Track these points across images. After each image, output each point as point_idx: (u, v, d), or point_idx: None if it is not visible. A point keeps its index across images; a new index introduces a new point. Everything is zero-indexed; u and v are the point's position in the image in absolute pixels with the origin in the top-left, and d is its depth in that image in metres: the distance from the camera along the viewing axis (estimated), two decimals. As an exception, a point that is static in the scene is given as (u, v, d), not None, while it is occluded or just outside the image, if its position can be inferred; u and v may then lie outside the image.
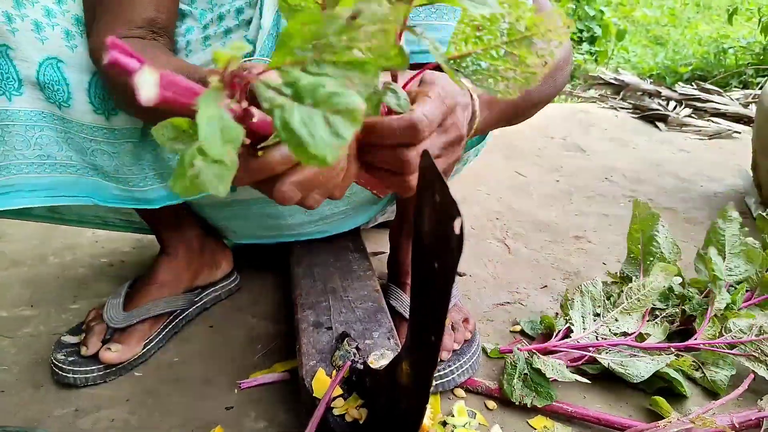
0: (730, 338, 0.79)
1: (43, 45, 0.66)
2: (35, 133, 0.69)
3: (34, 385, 0.81)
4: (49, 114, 0.69)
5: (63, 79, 0.67)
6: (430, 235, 0.40)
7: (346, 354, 0.69)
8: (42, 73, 0.66)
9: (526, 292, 1.06)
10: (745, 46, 3.43)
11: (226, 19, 0.75)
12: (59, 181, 0.73)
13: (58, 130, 0.71)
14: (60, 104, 0.69)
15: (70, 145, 0.72)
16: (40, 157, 0.70)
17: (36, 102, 0.68)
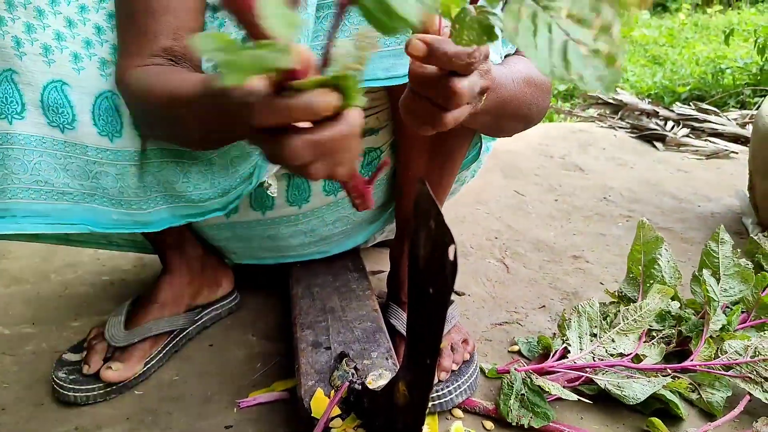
0: (726, 360, 0.80)
1: (50, 68, 0.67)
2: (34, 158, 0.69)
3: (34, 403, 0.82)
4: (49, 139, 0.69)
5: (67, 102, 0.68)
6: (425, 260, 0.42)
7: (345, 374, 0.70)
8: (46, 95, 0.67)
9: (524, 311, 1.07)
10: (742, 66, 3.47)
11: (225, 26, 0.76)
12: (55, 209, 0.73)
13: (57, 157, 0.70)
14: (63, 127, 0.69)
15: (69, 172, 0.71)
16: (37, 183, 0.70)
17: (38, 126, 0.68)
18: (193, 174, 0.77)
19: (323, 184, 0.90)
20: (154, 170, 0.76)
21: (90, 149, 0.71)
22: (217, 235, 0.97)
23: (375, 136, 0.87)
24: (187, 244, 0.96)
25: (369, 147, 0.88)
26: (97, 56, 0.71)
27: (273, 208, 0.91)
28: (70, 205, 0.73)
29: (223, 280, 1.03)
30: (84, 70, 0.70)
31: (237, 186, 0.78)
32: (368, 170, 0.90)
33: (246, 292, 1.10)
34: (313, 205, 0.92)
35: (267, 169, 0.78)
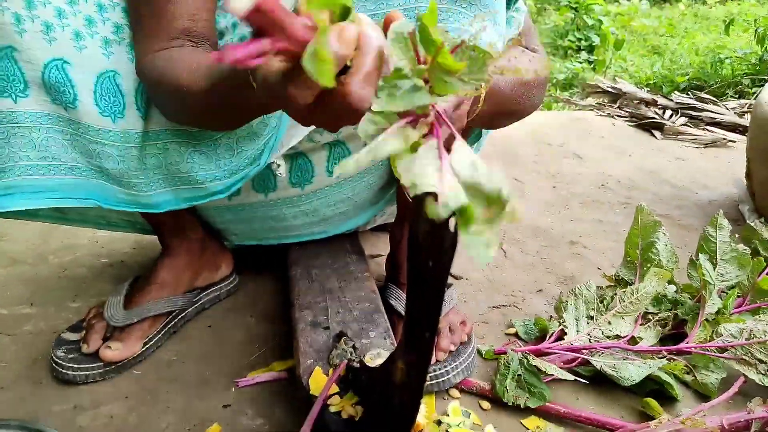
0: (721, 342, 0.80)
1: (51, 46, 0.66)
2: (40, 134, 0.69)
3: (33, 381, 0.82)
4: (55, 116, 0.69)
5: (68, 81, 0.68)
6: (425, 233, 0.42)
7: (343, 353, 0.70)
8: (47, 74, 0.67)
9: (522, 295, 1.07)
10: (741, 56, 3.46)
11: (238, 27, 0.76)
12: (63, 184, 0.73)
13: (64, 132, 0.71)
14: (66, 106, 0.69)
15: (76, 148, 0.72)
16: (44, 159, 0.70)
17: (42, 104, 0.68)
18: (197, 154, 0.77)
19: (327, 165, 0.90)
20: (157, 152, 0.75)
21: (91, 129, 0.71)
22: (218, 217, 0.97)
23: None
24: (187, 227, 0.96)
25: None
26: (100, 35, 0.71)
27: (275, 189, 0.91)
28: (80, 180, 0.74)
29: (223, 263, 1.03)
30: (86, 49, 0.69)
31: (244, 167, 0.78)
32: None
33: (245, 275, 1.10)
34: (316, 186, 0.92)
35: (276, 150, 0.77)
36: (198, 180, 0.78)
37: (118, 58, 0.72)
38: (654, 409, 0.74)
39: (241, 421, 0.75)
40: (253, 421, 0.75)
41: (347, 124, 0.43)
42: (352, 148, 0.88)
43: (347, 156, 0.89)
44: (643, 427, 0.67)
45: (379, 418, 0.58)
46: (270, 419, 0.75)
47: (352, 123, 0.42)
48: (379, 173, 0.94)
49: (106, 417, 0.76)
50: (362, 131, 0.37)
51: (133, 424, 0.74)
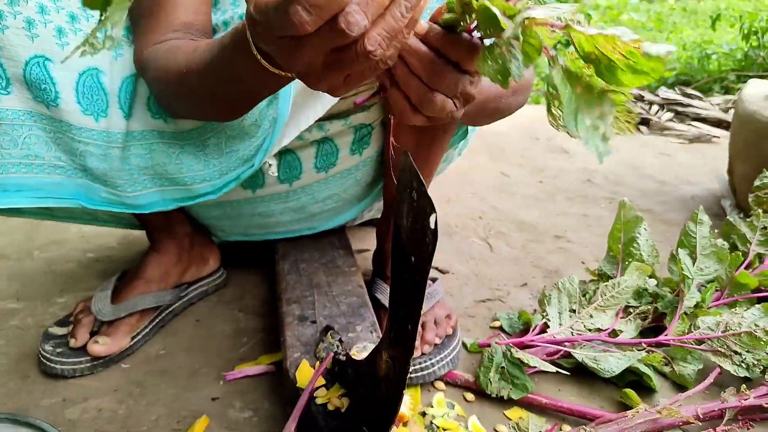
0: (699, 334, 0.82)
1: (33, 43, 0.66)
2: (23, 132, 0.68)
3: (21, 375, 0.82)
4: (37, 113, 0.69)
5: (49, 78, 0.67)
6: (407, 230, 0.43)
7: (330, 346, 0.71)
8: (29, 71, 0.66)
9: (507, 289, 1.09)
10: (727, 52, 3.50)
11: (230, 24, 0.77)
12: (47, 182, 0.72)
13: (47, 130, 0.70)
14: (48, 103, 0.68)
15: (59, 146, 0.71)
16: (27, 157, 0.70)
17: (24, 101, 0.67)
18: (185, 155, 0.77)
19: (315, 161, 0.90)
20: (143, 152, 0.75)
21: (74, 128, 0.70)
22: (206, 213, 0.98)
23: (366, 113, 0.88)
24: (175, 223, 0.96)
25: (361, 123, 0.88)
26: (82, 31, 0.70)
27: (264, 186, 0.91)
28: (63, 178, 0.73)
29: (210, 258, 1.03)
30: (68, 45, 0.69)
31: (236, 167, 0.78)
32: (360, 146, 0.90)
33: (232, 269, 1.11)
34: (304, 182, 0.92)
35: (270, 151, 0.77)
36: (186, 181, 0.78)
37: (101, 55, 0.71)
38: (632, 400, 0.76)
39: (229, 414, 0.76)
40: (241, 413, 0.76)
41: (356, 81, 0.41)
42: (339, 144, 0.89)
43: (335, 153, 0.90)
44: (621, 417, 0.69)
45: (365, 409, 0.60)
46: (258, 411, 0.76)
47: (362, 76, 0.41)
48: (367, 169, 0.95)
49: (95, 410, 0.76)
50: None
51: (122, 416, 0.75)
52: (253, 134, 0.76)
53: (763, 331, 0.78)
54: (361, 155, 0.92)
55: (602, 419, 0.70)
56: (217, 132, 0.77)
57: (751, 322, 0.80)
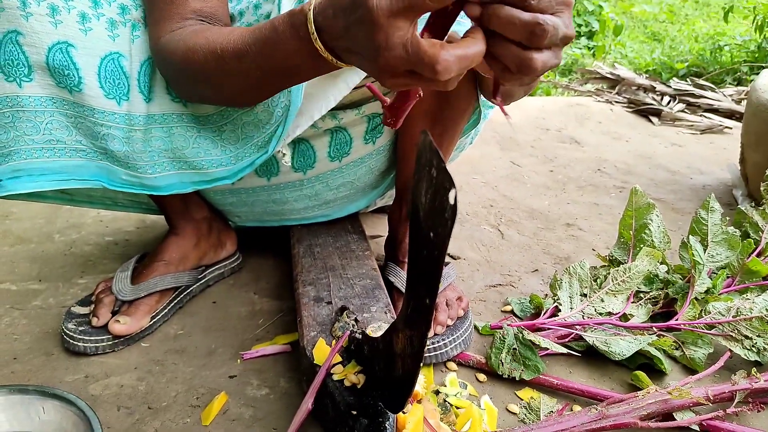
0: (709, 319, 0.83)
1: (56, 29, 0.67)
2: (45, 118, 0.70)
3: (45, 353, 0.85)
4: (59, 99, 0.70)
5: (72, 64, 0.68)
6: (426, 206, 0.44)
7: (346, 325, 0.73)
8: (51, 57, 0.67)
9: (518, 275, 1.10)
10: (740, 43, 3.47)
11: (245, 15, 0.78)
12: (69, 165, 0.74)
13: (68, 115, 0.71)
14: (71, 89, 0.70)
15: (80, 130, 0.73)
16: (50, 142, 0.71)
17: (47, 87, 0.69)
18: (202, 139, 0.78)
19: (328, 150, 0.92)
20: (163, 135, 0.77)
21: (97, 112, 0.72)
22: (222, 200, 1.00)
23: (376, 121, 0.89)
24: (192, 206, 0.98)
25: (373, 113, 0.90)
26: (105, 16, 0.72)
27: (278, 174, 0.93)
28: (84, 161, 0.75)
29: (228, 241, 1.05)
30: (91, 31, 0.70)
31: (250, 154, 0.80)
32: (373, 135, 0.92)
33: (248, 253, 1.13)
34: (318, 170, 0.94)
35: (283, 138, 0.78)
36: (203, 165, 0.80)
37: (122, 40, 0.73)
38: (643, 382, 0.77)
39: (246, 391, 0.78)
40: (259, 391, 0.78)
41: (416, 85, 0.47)
42: (353, 133, 0.90)
43: (349, 142, 0.91)
44: (632, 397, 0.71)
45: (381, 385, 0.61)
46: (274, 389, 0.78)
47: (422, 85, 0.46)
48: (380, 157, 0.97)
49: (117, 386, 0.78)
50: None
51: (143, 392, 0.77)
52: (267, 121, 0.77)
53: (774, 316, 0.79)
54: (375, 144, 0.93)
55: (612, 399, 0.71)
56: (233, 119, 0.79)
57: (762, 307, 0.81)
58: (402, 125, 0.90)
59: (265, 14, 0.76)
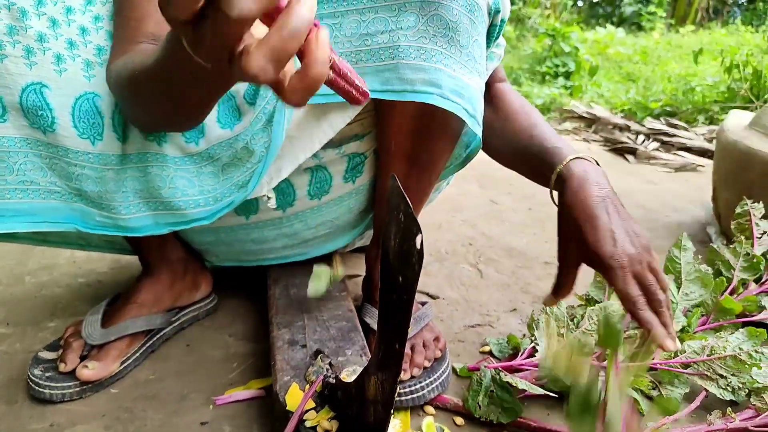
0: (685, 358, 0.83)
1: (31, 70, 0.67)
2: (19, 159, 0.69)
3: (8, 401, 0.82)
4: (33, 140, 0.70)
5: (46, 104, 0.68)
6: (395, 250, 0.44)
7: (320, 369, 0.72)
8: (25, 98, 0.67)
9: (496, 314, 1.10)
10: (711, 84, 3.60)
11: None
12: (42, 207, 0.73)
13: (42, 156, 0.71)
14: (45, 129, 0.69)
15: (54, 171, 0.72)
16: (23, 183, 0.71)
17: (20, 129, 0.68)
18: (179, 179, 0.78)
19: (308, 189, 0.92)
20: (138, 175, 0.76)
21: (71, 152, 0.71)
22: (199, 238, 0.99)
23: (359, 142, 0.90)
24: (168, 248, 0.97)
25: (354, 152, 0.90)
26: (81, 57, 0.72)
27: (257, 212, 0.93)
28: (58, 203, 0.74)
29: (203, 283, 1.04)
30: (66, 72, 0.70)
31: (231, 194, 0.79)
32: (353, 174, 0.92)
33: (223, 294, 1.11)
34: (298, 208, 0.93)
35: (264, 176, 0.77)
36: (180, 206, 0.79)
37: (98, 80, 0.73)
38: (621, 424, 0.77)
39: (217, 439, 0.75)
40: (230, 438, 0.75)
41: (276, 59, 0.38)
42: (333, 172, 0.91)
43: (329, 180, 0.92)
44: (609, 440, 0.70)
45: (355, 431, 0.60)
46: (247, 436, 0.76)
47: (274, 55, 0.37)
48: (359, 197, 0.97)
49: (82, 435, 0.76)
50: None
51: (110, 442, 0.75)
52: (247, 159, 0.77)
53: (747, 355, 0.79)
54: (354, 183, 0.93)
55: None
56: (213, 159, 0.79)
57: (735, 345, 0.81)
58: (381, 164, 0.92)
59: None
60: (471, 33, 0.69)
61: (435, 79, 0.68)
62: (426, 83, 0.68)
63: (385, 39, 0.68)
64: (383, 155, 0.88)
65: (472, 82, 0.72)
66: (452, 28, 0.67)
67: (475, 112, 0.73)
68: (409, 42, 0.67)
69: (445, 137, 0.83)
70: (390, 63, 0.68)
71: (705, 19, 7.77)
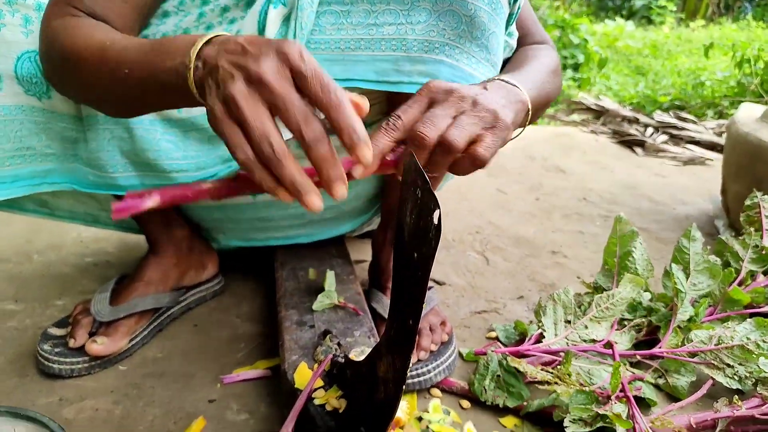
0: (692, 347, 0.83)
1: (27, 39, 0.67)
2: (15, 127, 0.71)
3: (19, 374, 0.83)
4: (29, 107, 0.71)
5: (40, 73, 0.68)
6: (411, 227, 0.44)
7: (328, 349, 0.72)
8: (19, 66, 0.68)
9: (503, 301, 1.10)
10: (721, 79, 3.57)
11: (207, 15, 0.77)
12: (39, 170, 0.75)
13: (38, 122, 0.72)
14: (40, 96, 0.70)
15: (50, 135, 0.74)
16: (20, 150, 0.72)
17: (16, 96, 0.69)
18: (165, 143, 0.78)
19: None
20: (125, 136, 0.76)
21: (66, 118, 0.73)
22: (208, 215, 0.99)
23: (368, 130, 0.89)
24: (174, 225, 0.97)
25: None
26: None
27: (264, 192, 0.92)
28: (54, 165, 0.76)
29: (209, 263, 1.04)
30: None
31: (214, 165, 0.79)
32: None
33: (231, 277, 1.11)
34: None
35: None
36: (165, 168, 0.79)
37: None
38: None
39: (226, 416, 0.76)
40: (238, 416, 0.76)
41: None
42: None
43: None
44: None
45: (363, 410, 0.60)
46: (254, 414, 0.76)
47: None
48: (368, 185, 0.97)
49: (92, 410, 0.76)
50: None
51: (119, 417, 0.75)
52: None
53: (755, 345, 0.79)
54: None
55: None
56: (199, 127, 0.78)
57: (743, 335, 0.81)
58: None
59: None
60: (488, 26, 0.66)
61: (433, 70, 0.67)
62: (422, 75, 0.67)
63: (392, 31, 0.66)
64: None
65: (478, 72, 0.69)
66: (466, 22, 0.65)
67: None
68: (416, 36, 0.66)
69: None
70: (391, 54, 0.67)
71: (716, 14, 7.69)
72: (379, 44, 0.67)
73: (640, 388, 0.79)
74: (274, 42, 0.45)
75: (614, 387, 0.70)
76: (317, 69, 0.44)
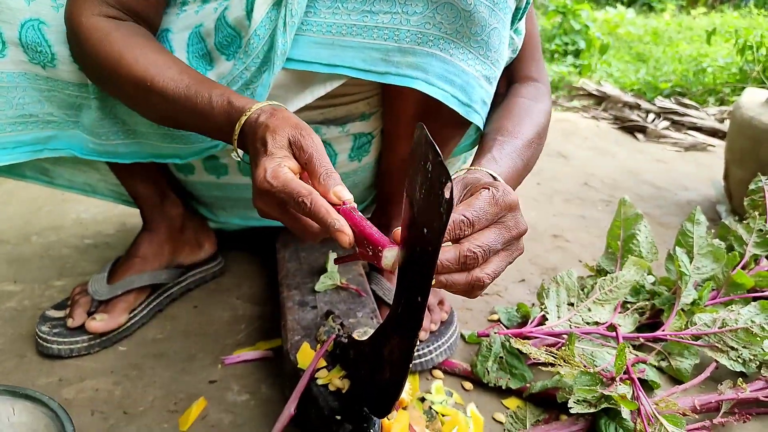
0: (695, 330, 0.83)
1: (29, 6, 0.67)
2: (17, 94, 0.71)
3: (18, 355, 0.82)
4: (32, 75, 0.71)
5: (45, 41, 0.68)
6: (421, 201, 0.43)
7: (331, 329, 0.71)
8: (24, 34, 0.67)
9: (504, 284, 1.09)
10: (722, 65, 3.54)
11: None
12: (41, 137, 0.76)
13: (41, 90, 0.72)
14: (44, 64, 0.70)
15: (53, 103, 0.74)
16: (22, 117, 0.73)
17: (19, 64, 0.69)
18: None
19: None
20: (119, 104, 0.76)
21: (71, 85, 0.72)
22: (207, 192, 0.98)
23: (366, 122, 0.87)
24: (167, 202, 0.97)
25: (359, 132, 0.88)
26: None
27: None
28: (56, 131, 0.77)
29: (206, 242, 1.03)
30: (63, 8, 0.69)
31: (203, 140, 0.78)
32: (359, 153, 0.90)
33: (230, 259, 1.11)
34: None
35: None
36: (155, 139, 0.79)
37: None
38: (630, 392, 0.76)
39: (226, 397, 0.75)
40: (240, 396, 0.75)
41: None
42: (337, 149, 0.88)
43: (332, 156, 0.89)
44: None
45: (367, 391, 0.60)
46: (255, 395, 0.76)
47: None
48: (365, 174, 0.96)
49: (92, 390, 0.76)
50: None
51: (119, 397, 0.75)
52: None
53: (760, 328, 0.79)
54: (360, 162, 0.92)
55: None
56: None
57: (747, 318, 0.81)
58: (386, 144, 0.90)
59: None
60: (488, 21, 0.64)
61: (422, 63, 0.65)
62: (411, 67, 0.65)
63: (386, 20, 0.64)
64: (388, 136, 0.87)
65: (473, 69, 0.66)
66: (464, 17, 0.62)
67: (469, 99, 0.68)
68: (410, 27, 0.64)
69: (451, 123, 0.78)
70: (382, 44, 0.65)
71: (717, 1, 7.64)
72: (371, 32, 0.65)
73: (643, 370, 0.79)
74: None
75: (619, 368, 0.70)
76: (286, 185, 0.50)
